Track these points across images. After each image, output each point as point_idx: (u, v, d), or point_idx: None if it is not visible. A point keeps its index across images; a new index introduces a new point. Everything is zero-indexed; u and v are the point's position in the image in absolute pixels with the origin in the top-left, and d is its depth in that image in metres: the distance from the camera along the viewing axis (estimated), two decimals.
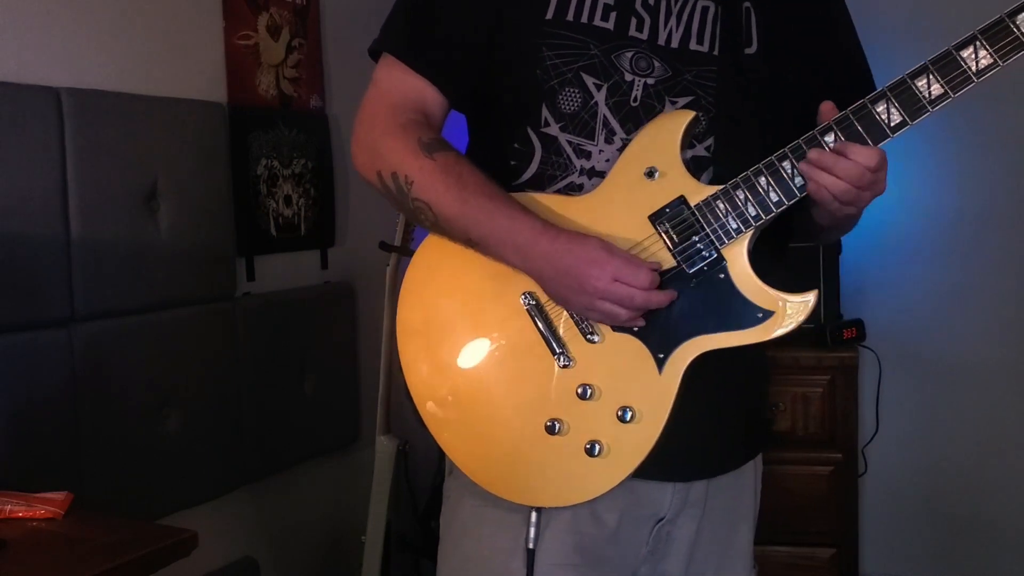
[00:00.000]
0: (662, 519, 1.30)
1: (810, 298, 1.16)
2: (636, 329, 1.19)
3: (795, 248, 1.40)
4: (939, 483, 3.02)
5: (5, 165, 1.89)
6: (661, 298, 1.16)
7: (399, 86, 1.29)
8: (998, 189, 2.93)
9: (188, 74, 2.36)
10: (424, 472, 2.76)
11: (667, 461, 1.22)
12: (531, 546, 1.23)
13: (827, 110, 1.16)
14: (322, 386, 2.74)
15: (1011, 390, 2.94)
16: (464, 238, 1.22)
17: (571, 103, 1.24)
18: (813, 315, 1.18)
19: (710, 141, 1.24)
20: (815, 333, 2.72)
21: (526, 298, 1.22)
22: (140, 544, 1.42)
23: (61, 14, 2.05)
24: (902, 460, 3.04)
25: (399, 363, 1.30)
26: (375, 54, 1.33)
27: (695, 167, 1.22)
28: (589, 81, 1.24)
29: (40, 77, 1.99)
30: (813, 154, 1.14)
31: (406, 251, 2.51)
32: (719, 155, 1.24)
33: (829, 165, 1.14)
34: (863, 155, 1.13)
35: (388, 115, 1.27)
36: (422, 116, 1.28)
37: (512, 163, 1.27)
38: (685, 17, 1.26)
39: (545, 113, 1.25)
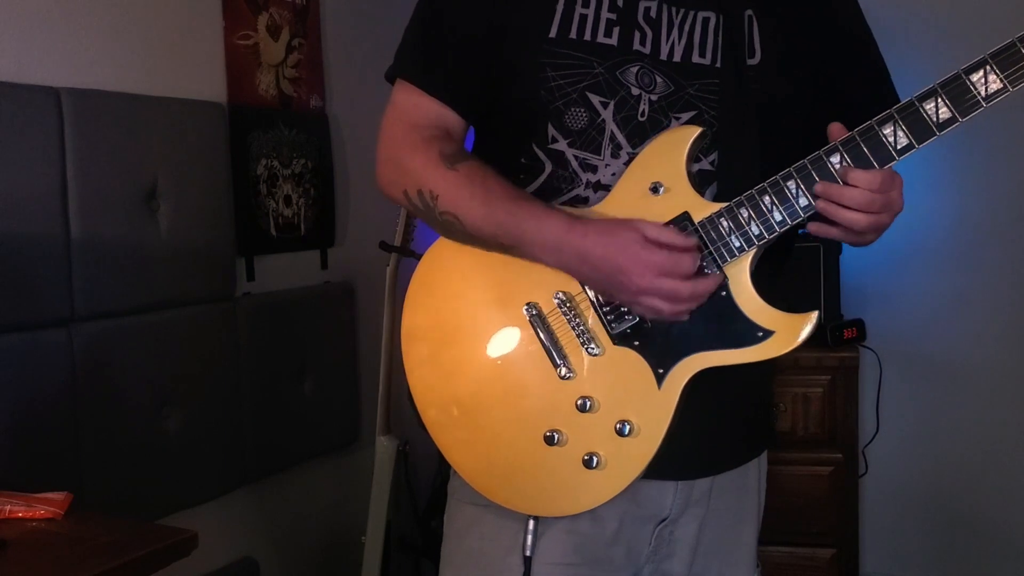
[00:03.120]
0: (664, 519, 1.30)
1: (811, 318, 1.15)
2: (636, 344, 1.19)
3: (795, 248, 1.40)
4: (939, 483, 3.02)
5: (5, 165, 1.89)
6: (708, 285, 1.15)
7: (417, 107, 1.29)
8: (999, 191, 2.93)
9: (188, 74, 2.36)
10: (424, 472, 2.76)
11: (670, 460, 1.22)
12: (528, 554, 1.24)
13: (835, 131, 1.15)
14: (322, 386, 2.74)
15: (1011, 391, 2.94)
16: (496, 244, 1.22)
17: (578, 121, 1.24)
18: None
19: (714, 156, 1.24)
20: (815, 333, 2.71)
21: (528, 309, 1.22)
22: (140, 544, 1.42)
23: (61, 14, 2.05)
24: (902, 460, 3.04)
25: (399, 363, 1.31)
26: (391, 79, 1.33)
27: (699, 181, 1.22)
28: (595, 100, 1.23)
29: (40, 77, 1.99)
30: (819, 187, 1.13)
31: (406, 251, 2.51)
32: (723, 169, 1.23)
33: (837, 196, 1.13)
34: (864, 179, 1.12)
35: (408, 133, 1.28)
36: (443, 132, 1.28)
37: (519, 176, 1.27)
38: (687, 29, 1.25)
39: (552, 131, 1.25)
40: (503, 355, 1.24)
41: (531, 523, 1.24)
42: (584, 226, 1.16)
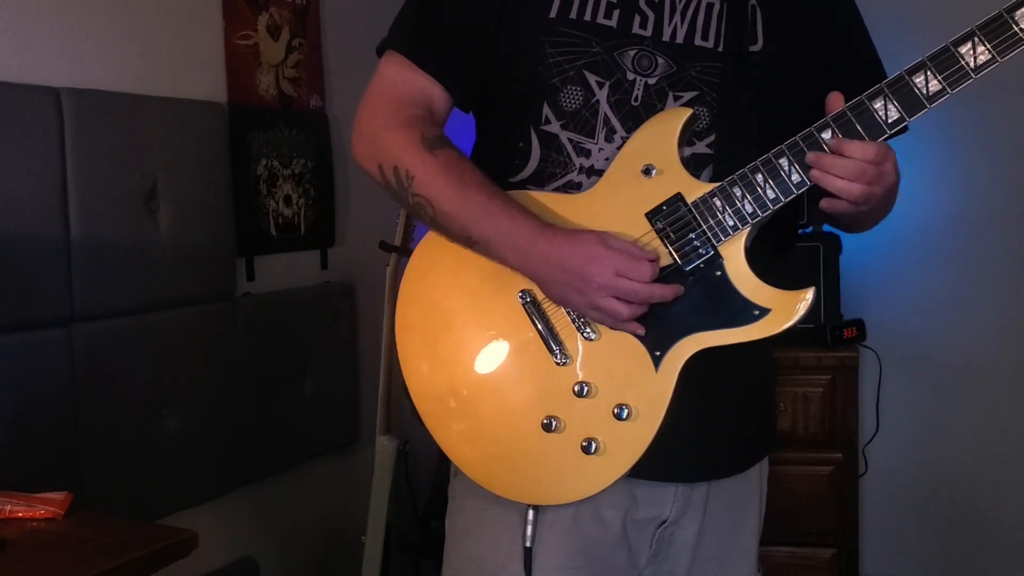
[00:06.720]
0: (664, 521, 1.30)
1: (807, 295, 1.16)
2: None
3: (796, 247, 1.40)
4: (939, 483, 3.02)
5: (5, 165, 1.89)
6: (665, 291, 1.16)
7: (405, 82, 1.29)
8: (999, 189, 2.92)
9: (188, 74, 2.36)
10: (424, 472, 2.76)
11: (669, 462, 1.22)
12: (528, 544, 1.23)
13: (835, 99, 1.15)
14: (322, 386, 2.74)
15: (1011, 390, 2.94)
16: (463, 236, 1.22)
17: (573, 101, 1.24)
18: (813, 315, 1.18)
19: (711, 138, 1.24)
20: (815, 333, 2.72)
21: (523, 296, 1.22)
22: (140, 544, 1.42)
23: (61, 14, 2.05)
24: (902, 460, 3.04)
25: (399, 363, 1.30)
26: (382, 52, 1.33)
27: (696, 164, 1.22)
28: (591, 79, 1.24)
29: (40, 77, 1.99)
30: (811, 157, 1.14)
31: (406, 251, 2.51)
32: (720, 152, 1.24)
33: (827, 165, 1.14)
34: (859, 150, 1.13)
35: (392, 108, 1.28)
36: (426, 112, 1.28)
37: (515, 161, 1.27)
38: (690, 14, 1.25)
39: (546, 111, 1.25)
40: (499, 344, 1.23)
41: (531, 513, 1.23)
42: (553, 232, 1.17)
